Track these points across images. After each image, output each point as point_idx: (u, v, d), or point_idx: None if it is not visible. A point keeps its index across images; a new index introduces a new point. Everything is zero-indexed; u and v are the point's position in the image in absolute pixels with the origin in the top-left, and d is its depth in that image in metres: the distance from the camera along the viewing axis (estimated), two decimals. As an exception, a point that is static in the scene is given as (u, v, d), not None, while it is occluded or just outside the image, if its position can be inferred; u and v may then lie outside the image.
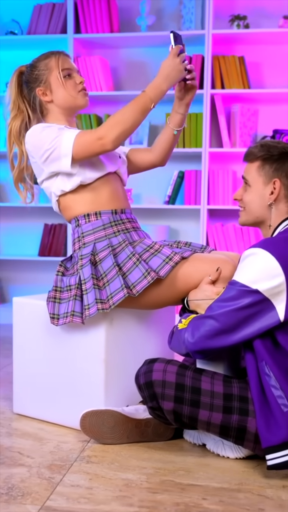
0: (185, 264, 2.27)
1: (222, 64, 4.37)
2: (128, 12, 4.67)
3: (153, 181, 4.69)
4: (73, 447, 2.17)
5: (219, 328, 1.92)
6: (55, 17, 4.58)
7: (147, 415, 2.19)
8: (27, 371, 2.48)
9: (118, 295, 2.19)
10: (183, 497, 1.80)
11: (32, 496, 1.78)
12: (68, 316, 2.23)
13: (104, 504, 1.74)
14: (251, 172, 2.11)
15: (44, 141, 2.27)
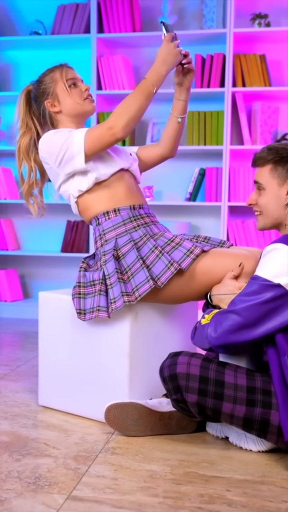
0: (207, 259, 2.27)
1: (243, 62, 4.35)
2: (151, 12, 4.66)
3: (174, 178, 4.69)
4: (98, 439, 2.17)
5: (241, 322, 1.92)
6: (78, 17, 4.58)
7: (170, 408, 2.18)
8: (52, 364, 2.48)
9: (143, 287, 2.19)
10: (207, 488, 1.79)
11: (58, 485, 1.79)
12: (94, 311, 2.24)
13: (130, 495, 1.74)
14: (264, 175, 2.10)
15: (56, 145, 2.31)
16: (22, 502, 1.68)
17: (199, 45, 4.57)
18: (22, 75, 4.93)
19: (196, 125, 4.43)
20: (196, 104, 4.60)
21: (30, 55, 4.91)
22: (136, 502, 1.70)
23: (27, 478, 1.83)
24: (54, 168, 2.36)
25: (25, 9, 4.90)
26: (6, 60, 4.96)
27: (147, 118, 4.68)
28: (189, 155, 4.67)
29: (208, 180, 4.47)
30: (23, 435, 2.19)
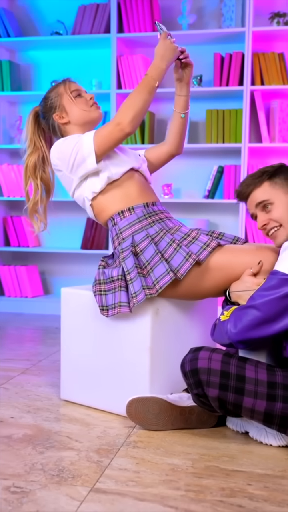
0: (227, 254, 2.26)
1: (262, 60, 4.33)
2: (170, 11, 4.65)
3: (193, 175, 4.68)
4: (120, 433, 2.17)
5: (261, 317, 1.91)
6: (98, 17, 4.58)
7: (191, 402, 2.18)
8: (74, 359, 2.49)
9: (164, 279, 2.19)
10: (228, 482, 1.78)
11: (82, 478, 1.79)
12: (116, 307, 2.24)
13: (152, 488, 1.74)
14: (266, 192, 2.14)
15: (67, 150, 2.34)
16: (46, 494, 1.68)
17: (218, 44, 4.55)
18: (43, 75, 4.94)
19: (215, 123, 4.42)
20: (215, 102, 4.59)
21: (51, 55, 4.92)
22: (158, 495, 1.69)
23: (51, 471, 1.83)
24: (67, 173, 2.39)
25: (46, 10, 4.91)
26: (28, 60, 4.97)
27: (166, 117, 4.67)
28: (207, 153, 4.66)
29: (226, 177, 4.45)
30: (46, 428, 2.20)
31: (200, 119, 4.62)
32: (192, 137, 4.64)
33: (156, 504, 1.64)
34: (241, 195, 2.20)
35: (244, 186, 2.19)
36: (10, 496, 1.66)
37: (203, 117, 4.61)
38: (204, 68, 4.61)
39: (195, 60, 4.52)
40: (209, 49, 4.58)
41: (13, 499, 1.64)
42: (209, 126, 4.44)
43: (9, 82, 4.74)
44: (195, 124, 4.64)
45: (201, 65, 4.61)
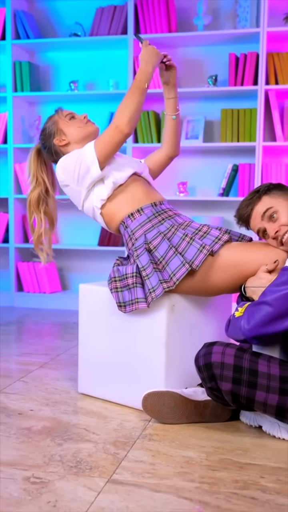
0: (242, 251, 2.27)
1: (276, 60, 4.31)
2: (186, 12, 4.64)
3: (207, 174, 4.68)
4: (136, 426, 2.19)
5: (273, 312, 1.91)
6: (116, 19, 4.59)
7: (205, 397, 2.19)
8: (91, 353, 2.51)
9: (180, 271, 2.21)
10: (242, 475, 1.79)
11: (99, 469, 1.80)
12: (133, 304, 2.26)
13: (167, 479, 1.75)
14: (268, 203, 2.20)
15: (70, 164, 2.43)
16: (65, 485, 1.70)
17: (233, 44, 4.54)
18: (62, 76, 4.95)
19: (230, 122, 4.41)
20: (230, 101, 4.59)
21: (69, 56, 4.94)
22: (173, 486, 1.71)
23: (69, 462, 1.85)
24: (74, 187, 2.44)
25: (64, 12, 4.92)
26: (47, 61, 4.99)
27: (182, 116, 4.66)
28: (222, 152, 4.65)
29: (241, 176, 4.44)
30: (64, 421, 2.22)
31: (215, 118, 4.62)
32: (207, 136, 4.64)
33: (171, 496, 1.65)
34: (242, 216, 2.26)
35: (243, 207, 2.26)
36: (30, 486, 1.68)
37: (218, 117, 4.61)
38: (219, 68, 4.61)
39: (211, 60, 4.57)
40: (224, 50, 4.57)
41: (33, 489, 1.67)
42: (224, 125, 4.43)
43: (28, 82, 4.76)
44: (210, 123, 4.64)
45: (216, 65, 4.62)
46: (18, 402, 2.42)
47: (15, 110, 4.81)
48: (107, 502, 1.61)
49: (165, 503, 1.61)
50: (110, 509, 1.57)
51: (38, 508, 1.56)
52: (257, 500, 1.64)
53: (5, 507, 1.57)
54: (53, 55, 4.97)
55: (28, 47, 4.85)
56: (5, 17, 4.77)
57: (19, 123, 4.89)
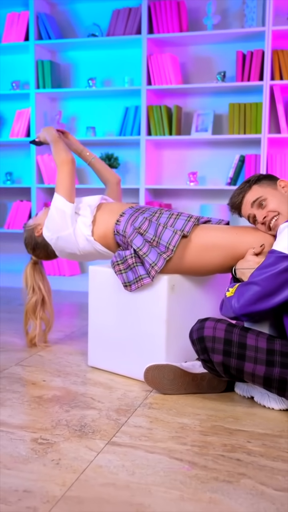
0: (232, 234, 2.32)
1: (281, 57, 4.31)
2: (196, 13, 4.65)
3: (216, 164, 4.71)
4: (138, 395, 2.25)
5: (261, 292, 1.96)
6: (131, 20, 4.61)
7: (202, 370, 2.24)
8: (100, 330, 2.57)
9: (174, 239, 2.31)
10: (231, 439, 1.85)
11: (100, 433, 1.88)
12: (138, 281, 2.32)
13: (161, 442, 1.81)
14: (257, 192, 2.23)
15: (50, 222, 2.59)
16: (68, 445, 1.77)
17: (240, 43, 4.54)
18: (81, 73, 5.00)
19: (237, 116, 4.42)
20: (237, 96, 4.60)
21: (88, 55, 4.98)
22: (166, 448, 1.77)
23: (74, 426, 1.93)
24: (64, 234, 2.56)
25: (83, 14, 4.95)
26: (67, 59, 5.04)
27: (192, 110, 4.70)
28: (230, 143, 4.67)
29: (247, 166, 4.46)
30: (73, 390, 2.29)
31: (224, 112, 4.64)
32: (216, 128, 4.66)
33: (163, 456, 1.71)
34: (234, 204, 2.30)
35: (235, 196, 2.29)
36: (37, 447, 1.76)
37: (226, 110, 4.62)
38: (227, 65, 4.62)
39: (219, 57, 4.59)
40: (232, 47, 4.58)
41: (39, 449, 1.74)
42: (231, 118, 4.44)
43: (50, 80, 4.81)
44: (219, 116, 4.66)
45: (225, 62, 4.63)
46: (32, 373, 2.50)
47: (38, 106, 4.87)
48: (105, 461, 1.68)
49: (157, 462, 1.68)
50: (107, 467, 1.64)
51: (43, 465, 1.64)
52: (242, 462, 1.69)
53: (13, 464, 1.65)
54: (73, 54, 5.01)
55: (50, 47, 4.89)
56: (28, 20, 4.82)
57: (42, 117, 4.95)
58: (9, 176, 5.08)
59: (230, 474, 1.61)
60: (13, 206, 5.00)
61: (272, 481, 1.58)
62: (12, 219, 4.98)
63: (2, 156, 5.24)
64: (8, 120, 5.20)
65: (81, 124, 5.00)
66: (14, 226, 4.97)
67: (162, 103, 4.75)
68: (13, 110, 5.17)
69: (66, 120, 5.03)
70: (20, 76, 5.11)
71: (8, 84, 5.14)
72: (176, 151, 4.81)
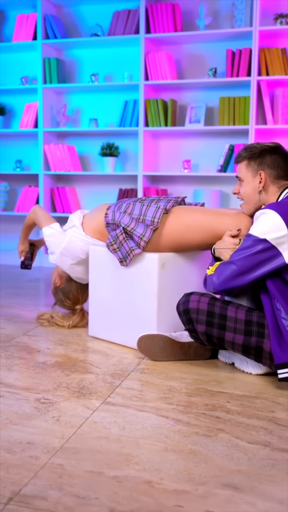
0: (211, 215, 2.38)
1: (267, 55, 4.31)
2: (189, 14, 4.64)
3: (208, 153, 4.72)
4: (131, 362, 2.32)
5: (237, 270, 2.01)
6: (130, 21, 4.60)
7: (190, 339, 2.30)
8: (99, 303, 2.63)
9: (157, 213, 2.38)
10: (212, 400, 1.91)
11: (97, 394, 1.94)
12: (130, 254, 2.38)
13: (150, 402, 1.88)
14: (241, 170, 2.21)
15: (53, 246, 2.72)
16: (68, 404, 1.84)
17: (229, 41, 4.54)
18: (85, 70, 5.00)
19: (227, 108, 4.43)
20: (227, 90, 4.60)
21: (90, 53, 4.97)
22: (154, 407, 1.84)
23: (73, 388, 1.99)
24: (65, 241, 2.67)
25: (87, 15, 4.94)
26: (71, 57, 5.04)
27: (186, 103, 4.71)
28: (220, 134, 4.69)
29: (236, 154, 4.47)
30: (73, 357, 2.36)
31: (215, 105, 4.65)
32: (208, 120, 4.67)
33: (151, 414, 1.78)
34: (236, 159, 2.25)
35: (239, 154, 2.23)
36: (40, 405, 1.83)
37: (216, 103, 4.63)
38: (218, 62, 4.61)
39: (211, 55, 4.57)
40: (222, 46, 4.58)
41: (42, 408, 1.81)
42: (221, 110, 4.46)
43: (56, 75, 4.82)
44: (210, 109, 4.67)
45: (216, 59, 4.62)
46: (38, 342, 2.56)
47: (45, 99, 4.89)
48: (100, 418, 1.74)
49: (146, 419, 1.74)
50: (101, 423, 1.71)
51: (44, 421, 1.70)
52: (221, 419, 1.76)
53: (19, 420, 1.71)
54: (77, 52, 5.01)
55: (56, 45, 4.89)
56: (36, 21, 4.81)
57: (48, 110, 4.96)
58: (19, 164, 5.10)
59: (209, 430, 1.68)
60: (22, 191, 5.04)
61: (246, 435, 1.64)
62: (22, 203, 5.02)
63: (12, 145, 5.26)
64: (17, 112, 5.21)
65: (85, 116, 5.01)
66: (23, 210, 5.01)
67: (158, 97, 4.76)
68: (22, 103, 5.18)
69: (71, 112, 5.04)
70: (29, 72, 5.12)
71: (17, 79, 5.15)
72: (171, 141, 4.83)
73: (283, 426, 1.71)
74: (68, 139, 5.10)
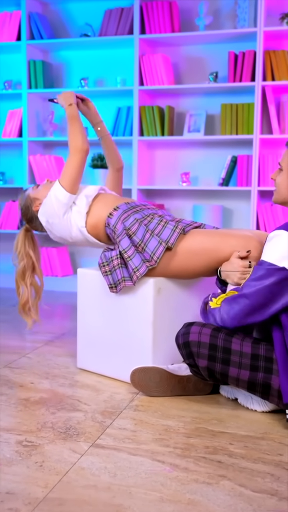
0: (216, 237, 2.37)
1: (273, 58, 4.36)
2: (188, 13, 4.69)
3: (209, 165, 4.75)
4: (124, 398, 2.30)
5: (250, 305, 1.99)
6: (123, 20, 4.65)
7: (188, 372, 2.28)
8: (88, 332, 2.62)
9: (158, 250, 2.35)
10: (213, 441, 1.90)
11: (85, 435, 1.92)
12: (121, 283, 2.37)
13: (145, 445, 1.86)
14: (285, 158, 2.14)
15: (46, 206, 2.61)
16: (53, 448, 1.82)
17: (232, 43, 4.59)
18: (73, 73, 5.04)
19: (229, 116, 4.47)
20: (229, 96, 4.64)
21: (80, 55, 5.01)
22: (149, 450, 1.82)
23: (59, 429, 1.97)
24: (60, 221, 2.60)
25: (75, 14, 4.99)
26: (59, 59, 5.08)
27: (184, 110, 4.74)
28: (222, 144, 4.72)
29: (239, 166, 4.51)
30: (60, 392, 2.34)
31: (216, 112, 4.69)
32: (208, 129, 4.71)
33: (146, 459, 1.76)
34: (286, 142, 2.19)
35: None
36: (22, 449, 1.81)
37: (218, 111, 4.67)
38: (219, 66, 4.66)
39: (211, 58, 4.63)
40: (224, 48, 4.63)
41: (24, 451, 1.79)
42: (223, 118, 4.49)
43: (42, 80, 4.85)
44: (211, 117, 4.70)
45: (217, 63, 4.67)
46: (21, 375, 2.55)
47: (30, 106, 4.91)
48: (88, 463, 1.73)
49: (139, 464, 1.72)
50: (90, 469, 1.69)
51: (26, 468, 1.69)
52: (223, 464, 1.74)
53: (-2, 467, 1.70)
54: (65, 54, 5.05)
55: (42, 46, 4.93)
56: (20, 19, 4.86)
57: (34, 117, 4.99)
58: (1, 176, 5.12)
59: (210, 476, 1.66)
60: (5, 206, 5.04)
61: (251, 482, 1.63)
62: (5, 219, 5.02)
63: (-5, 156, 5.28)
64: (0, 120, 5.24)
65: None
66: (6, 227, 5.01)
67: (154, 103, 4.79)
68: (5, 110, 5.21)
69: (59, 120, 5.07)
70: (12, 76, 5.15)
71: (0, 84, 5.18)
72: (168, 152, 4.86)
73: (292, 471, 1.70)
74: (55, 149, 5.12)
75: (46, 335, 3.26)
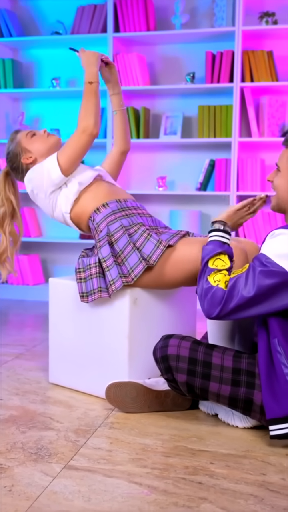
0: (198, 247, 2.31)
1: (252, 58, 4.36)
2: (164, 11, 4.69)
3: (186, 169, 4.74)
4: (99, 414, 2.26)
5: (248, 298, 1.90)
6: (96, 17, 4.63)
7: (166, 387, 2.25)
8: (61, 345, 2.58)
9: (138, 267, 2.29)
10: (193, 461, 1.87)
11: (57, 456, 1.88)
12: (96, 293, 2.33)
13: (121, 465, 1.82)
14: (283, 158, 2.06)
15: (36, 176, 2.51)
16: (23, 470, 1.77)
17: (209, 42, 4.59)
18: (45, 73, 5.00)
19: (206, 119, 4.46)
20: (207, 98, 4.64)
21: (51, 54, 4.98)
22: (126, 472, 1.78)
23: (30, 449, 1.93)
24: (43, 196, 2.53)
25: (46, 10, 4.96)
26: (30, 58, 5.03)
27: (160, 112, 4.73)
28: (199, 147, 4.71)
29: (217, 170, 4.50)
30: (31, 410, 2.29)
31: (193, 114, 4.68)
32: (185, 131, 4.70)
33: (122, 481, 1.72)
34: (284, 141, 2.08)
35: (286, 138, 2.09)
36: (-11, 473, 1.76)
37: (195, 113, 4.66)
38: (196, 66, 4.66)
39: (188, 58, 4.62)
40: (201, 47, 4.62)
41: (-8, 475, 1.74)
42: (201, 121, 4.48)
43: (11, 79, 4.80)
44: (188, 119, 4.70)
45: (193, 63, 4.67)
46: (-11, 392, 2.50)
47: (-1, 107, 4.87)
48: (61, 486, 1.68)
49: (115, 487, 1.68)
50: (63, 493, 1.64)
51: (-6, 493, 1.64)
52: (203, 485, 1.71)
53: None
54: (36, 53, 5.01)
55: (11, 44, 4.89)
56: (-12, 16, 4.81)
57: (3, 118, 4.94)
58: None
59: (190, 499, 1.63)
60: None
61: (233, 505, 1.60)
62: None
63: None
64: None
65: (45, 126, 4.99)
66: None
67: (129, 104, 4.76)
68: (-27, 110, 5.15)
69: (29, 122, 5.02)
70: (-20, 75, 5.09)
71: None
72: (144, 155, 4.83)
73: (276, 492, 1.67)
74: (25, 151, 5.06)
75: (16, 348, 3.20)
